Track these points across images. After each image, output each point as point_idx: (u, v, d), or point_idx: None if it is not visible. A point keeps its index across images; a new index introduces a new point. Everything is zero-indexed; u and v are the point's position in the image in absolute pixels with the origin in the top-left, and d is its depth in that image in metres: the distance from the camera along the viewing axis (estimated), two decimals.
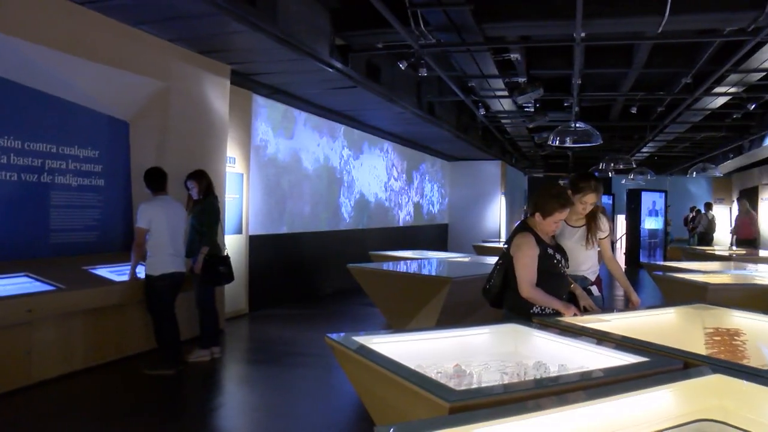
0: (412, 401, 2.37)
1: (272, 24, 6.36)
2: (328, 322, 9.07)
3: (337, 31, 7.65)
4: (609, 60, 9.81)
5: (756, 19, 6.65)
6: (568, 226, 4.51)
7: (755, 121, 14.19)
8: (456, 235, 18.89)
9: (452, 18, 7.10)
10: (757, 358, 3.30)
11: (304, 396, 5.64)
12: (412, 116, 11.15)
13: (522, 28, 7.90)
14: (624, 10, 7.01)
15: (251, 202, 9.22)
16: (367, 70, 8.76)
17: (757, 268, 8.37)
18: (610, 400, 2.15)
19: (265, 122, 9.62)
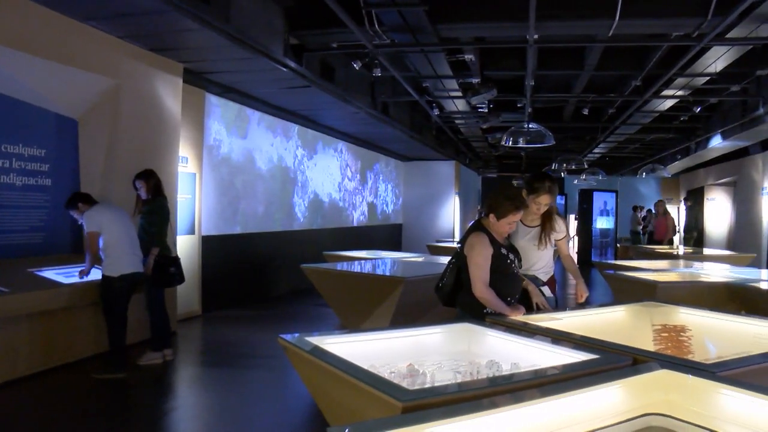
0: (366, 401, 2.37)
1: (225, 22, 6.28)
2: (281, 323, 9.01)
3: (292, 30, 7.61)
4: (561, 62, 9.96)
5: (700, 25, 6.86)
6: (523, 226, 4.54)
7: (701, 123, 14.58)
8: (410, 235, 18.95)
9: (407, 18, 7.12)
10: (702, 352, 3.39)
11: (257, 397, 5.58)
12: (366, 116, 11.15)
13: (476, 29, 7.98)
14: (576, 13, 7.13)
15: (204, 202, 9.10)
16: (321, 70, 8.72)
17: (704, 266, 8.59)
18: (561, 397, 2.18)
19: (218, 121, 9.51)
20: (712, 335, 3.80)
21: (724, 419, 2.21)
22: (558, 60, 9.92)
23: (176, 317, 7.94)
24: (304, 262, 7.85)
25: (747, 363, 2.73)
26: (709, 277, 7.06)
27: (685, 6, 6.82)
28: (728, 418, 2.21)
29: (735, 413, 2.22)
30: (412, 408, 2.10)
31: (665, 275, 7.17)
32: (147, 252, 6.34)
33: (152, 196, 6.53)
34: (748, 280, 6.61)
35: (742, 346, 3.19)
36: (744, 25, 6.87)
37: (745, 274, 7.52)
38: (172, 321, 7.35)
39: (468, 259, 3.97)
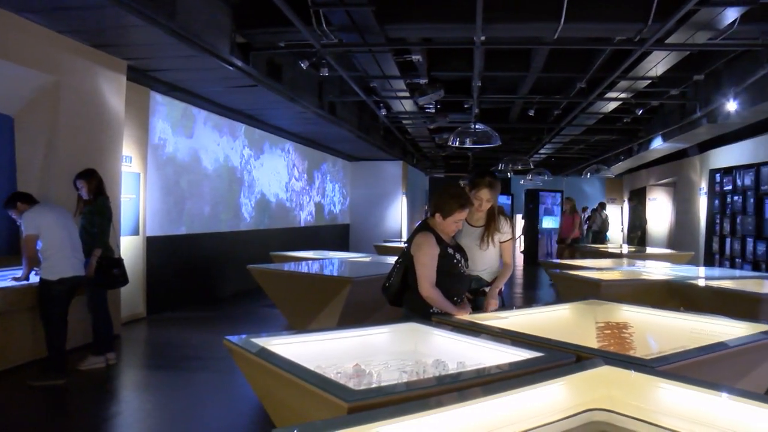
0: (312, 402, 2.36)
1: (170, 18, 6.16)
2: (228, 325, 8.91)
3: (238, 28, 7.52)
4: (508, 63, 10.09)
5: (641, 30, 7.05)
6: (468, 226, 4.52)
7: (643, 125, 14.96)
8: (357, 235, 18.95)
9: (354, 18, 7.12)
10: (644, 348, 3.47)
11: (203, 400, 5.52)
12: (313, 116, 11.11)
13: (423, 30, 8.02)
14: (522, 15, 7.23)
15: (149, 202, 8.94)
16: (268, 69, 8.65)
17: (646, 265, 8.80)
18: (507, 394, 2.21)
19: (163, 120, 9.36)
20: (653, 331, 3.90)
21: (664, 412, 2.28)
22: (504, 61, 10.05)
23: (120, 320, 7.78)
24: (251, 263, 7.78)
25: (684, 357, 2.81)
26: (650, 275, 7.24)
27: (627, 11, 6.99)
28: (667, 410, 2.28)
29: (673, 406, 2.29)
30: (357, 408, 2.10)
31: (609, 274, 7.33)
32: (89, 253, 6.18)
33: (94, 196, 6.37)
34: (686, 278, 6.81)
35: (680, 341, 3.29)
36: (682, 31, 7.08)
37: (684, 271, 7.75)
38: (115, 324, 7.19)
39: (414, 259, 3.98)
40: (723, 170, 15.71)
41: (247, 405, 5.30)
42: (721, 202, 15.86)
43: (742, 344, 3.14)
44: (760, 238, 13.84)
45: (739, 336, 3.32)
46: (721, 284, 6.41)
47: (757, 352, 3.27)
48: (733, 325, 3.65)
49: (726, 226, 15.52)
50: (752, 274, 8.48)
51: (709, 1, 6.25)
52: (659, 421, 2.19)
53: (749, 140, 13.62)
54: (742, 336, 3.32)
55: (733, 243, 15.12)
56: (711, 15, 6.62)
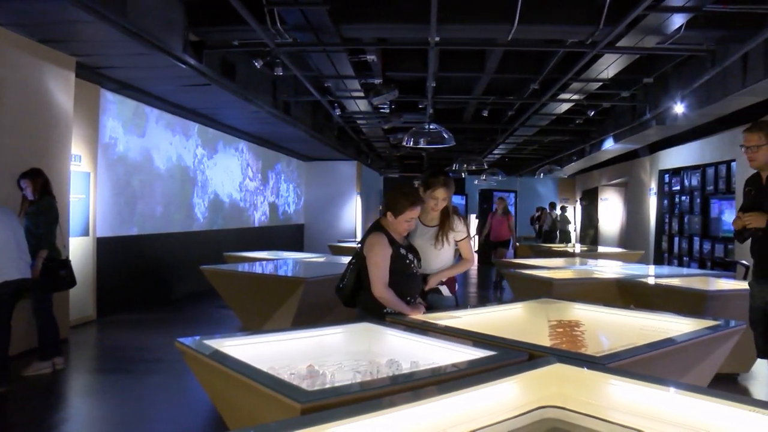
0: (265, 404, 2.34)
1: (121, 15, 6.03)
2: (181, 326, 8.80)
3: (192, 26, 7.43)
4: (462, 64, 10.17)
5: (593, 33, 7.18)
6: (422, 225, 4.51)
7: (595, 126, 15.22)
8: (312, 236, 18.89)
9: (309, 18, 7.10)
10: (595, 346, 3.52)
11: (155, 404, 5.43)
12: (267, 115, 11.03)
13: (378, 30, 8.04)
14: (477, 17, 7.31)
15: (99, 202, 8.76)
16: (222, 68, 8.56)
17: (597, 263, 8.95)
18: (460, 393, 2.21)
19: (114, 119, 9.19)
20: (604, 329, 3.97)
21: (614, 408, 2.31)
22: (459, 62, 10.12)
23: (68, 323, 7.60)
24: (205, 264, 7.68)
25: (634, 354, 2.86)
26: (601, 274, 7.36)
27: (579, 15, 7.12)
28: (617, 406, 2.32)
29: (623, 401, 2.32)
30: (311, 409, 2.09)
31: (561, 273, 7.42)
32: (34, 255, 6.01)
33: (39, 196, 6.17)
34: (636, 276, 6.94)
35: (630, 338, 3.34)
36: (632, 35, 7.25)
37: (634, 270, 7.90)
38: (63, 327, 7.02)
39: (367, 260, 3.97)
40: (671, 171, 16.10)
41: (200, 408, 5.24)
42: (669, 202, 16.25)
43: (688, 340, 3.22)
44: (706, 237, 14.21)
45: (685, 332, 3.40)
46: (670, 282, 6.55)
47: (702, 347, 3.36)
48: (680, 322, 3.74)
49: (674, 226, 15.89)
50: (699, 272, 8.68)
51: (657, 7, 6.40)
52: (609, 417, 2.23)
53: (696, 142, 13.98)
54: (689, 332, 3.40)
55: (681, 242, 15.49)
56: (659, 20, 6.80)
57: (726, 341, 3.53)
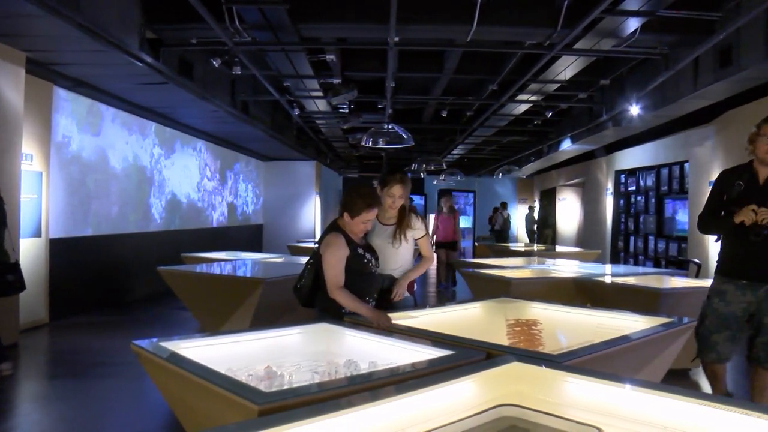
0: (222, 406, 2.32)
1: (74, 10, 5.87)
2: (137, 329, 8.65)
3: (148, 23, 7.31)
4: (421, 64, 10.21)
5: (550, 35, 7.27)
6: (380, 224, 4.50)
7: (553, 127, 15.41)
8: (271, 236, 18.77)
9: (268, 17, 7.05)
10: (552, 344, 3.57)
11: (110, 409, 5.31)
12: (225, 115, 10.92)
13: (337, 30, 8.02)
14: (436, 17, 7.34)
15: (52, 202, 8.57)
16: (179, 66, 8.44)
17: (555, 263, 9.06)
18: (418, 393, 2.22)
19: (68, 117, 9.00)
20: (561, 327, 4.02)
21: (570, 405, 2.34)
22: (418, 62, 10.16)
23: (18, 327, 7.41)
24: (162, 265, 7.57)
25: (590, 351, 2.91)
26: (559, 273, 7.45)
27: (537, 17, 7.20)
28: (574, 403, 2.35)
29: (580, 398, 2.36)
30: (268, 411, 2.07)
31: (519, 272, 7.49)
32: None
33: None
34: (593, 275, 7.05)
35: (587, 336, 3.39)
36: (588, 38, 7.36)
37: (591, 269, 8.02)
38: (12, 331, 6.85)
39: (323, 260, 3.95)
40: (627, 171, 16.38)
41: (156, 411, 5.15)
42: (625, 201, 16.54)
43: (643, 337, 3.28)
44: (660, 237, 14.49)
45: (640, 329, 3.46)
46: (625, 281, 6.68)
47: (656, 344, 3.42)
48: (635, 320, 3.81)
49: (630, 225, 16.18)
50: (653, 271, 8.85)
51: (613, 10, 6.50)
52: (566, 414, 2.26)
53: (651, 143, 14.25)
54: (643, 329, 3.46)
55: (637, 241, 15.77)
56: (615, 24, 6.92)
57: (679, 338, 3.61)
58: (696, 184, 12.21)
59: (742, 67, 7.40)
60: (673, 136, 13.07)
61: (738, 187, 4.16)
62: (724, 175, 4.37)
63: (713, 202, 4.35)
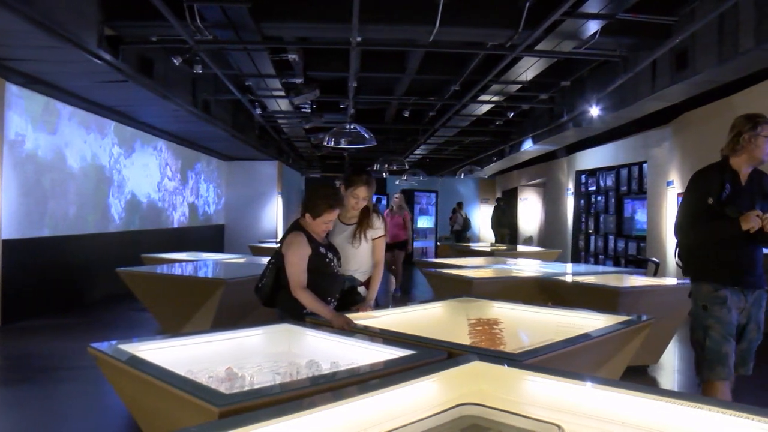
0: (182, 409, 2.30)
1: (26, 3, 5.63)
2: (96, 331, 8.50)
3: (107, 19, 7.16)
4: (384, 65, 10.20)
5: (512, 36, 7.33)
6: (341, 224, 4.48)
7: (514, 128, 15.53)
8: (232, 236, 18.62)
9: (229, 15, 6.98)
10: (513, 343, 3.60)
11: (66, 415, 5.20)
12: (186, 114, 10.79)
13: (300, 30, 7.99)
14: (398, 17, 7.33)
15: (5, 203, 8.37)
16: (139, 64, 8.29)
17: (516, 262, 9.14)
18: (380, 393, 2.23)
19: (21, 115, 8.79)
20: (522, 326, 4.05)
21: (531, 403, 2.36)
22: (380, 62, 10.15)
23: None
24: (121, 266, 7.45)
25: (550, 350, 2.94)
26: (520, 273, 7.53)
27: (499, 18, 7.24)
28: (534, 401, 2.37)
29: (540, 396, 2.38)
30: (228, 412, 2.06)
31: (481, 272, 7.55)
32: None
33: None
34: (554, 274, 7.13)
35: (547, 334, 3.43)
36: (549, 39, 7.43)
37: (552, 268, 8.12)
38: None
39: (285, 259, 3.93)
40: (587, 172, 16.61)
41: (115, 416, 5.07)
42: (585, 201, 16.76)
43: (602, 335, 3.33)
44: (620, 236, 14.71)
45: (600, 327, 3.50)
46: (585, 280, 6.78)
47: (615, 342, 3.47)
48: (595, 318, 3.86)
49: (590, 225, 16.40)
50: (613, 270, 8.99)
51: (574, 13, 6.58)
52: (527, 412, 2.27)
53: (610, 144, 14.46)
54: (603, 327, 3.51)
55: (597, 240, 15.99)
56: (575, 26, 7.00)
57: (637, 335, 3.67)
58: (654, 184, 12.43)
59: (697, 71, 7.55)
60: (632, 137, 13.29)
61: (727, 190, 3.82)
62: (705, 176, 3.97)
63: (697, 207, 3.90)
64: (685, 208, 4.00)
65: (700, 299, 3.94)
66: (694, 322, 3.97)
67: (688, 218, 3.96)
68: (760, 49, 6.45)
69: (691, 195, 3.99)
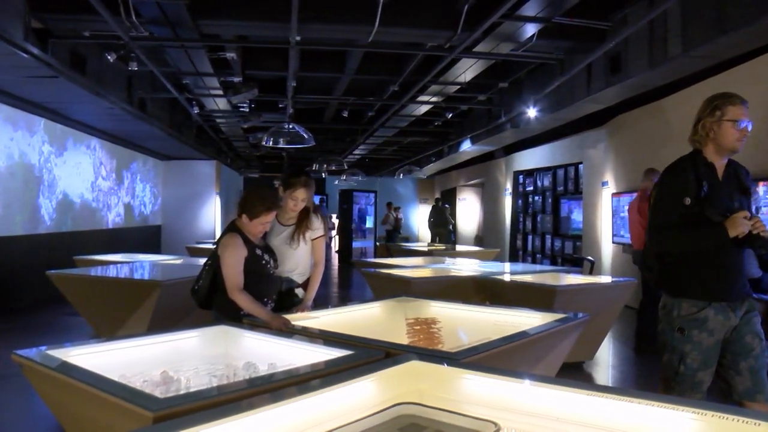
0: (115, 415, 2.24)
1: None
2: (24, 337, 8.21)
3: (34, 11, 6.90)
4: (323, 64, 10.17)
5: (451, 38, 7.40)
6: (279, 224, 4.42)
7: (453, 128, 15.67)
8: (170, 237, 18.30)
9: (166, 12, 6.83)
10: (451, 342, 3.62)
11: None
12: (121, 112, 10.53)
13: (238, 28, 7.89)
14: (338, 17, 7.32)
15: None
16: (71, 60, 8.03)
17: (455, 262, 9.22)
18: (318, 393, 2.22)
19: None
20: (461, 325, 4.08)
21: (469, 401, 2.38)
22: (320, 62, 10.12)
23: None
24: (52, 268, 7.21)
25: (487, 348, 2.97)
26: (458, 272, 7.59)
27: (438, 20, 7.30)
28: (472, 399, 2.38)
29: (478, 394, 2.40)
30: (163, 417, 2.02)
31: (419, 271, 7.58)
32: None
33: None
34: (491, 274, 7.21)
35: (485, 333, 3.46)
36: (488, 41, 7.53)
37: (490, 267, 8.20)
38: None
39: (221, 261, 3.88)
40: (525, 172, 16.88)
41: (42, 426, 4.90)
42: (523, 201, 17.04)
43: (538, 332, 3.38)
44: (557, 235, 15.00)
45: (537, 325, 3.55)
46: (523, 279, 6.88)
47: (551, 339, 3.53)
48: (532, 316, 3.92)
49: (528, 224, 16.68)
50: (550, 268, 9.15)
51: (512, 15, 6.67)
52: (464, 410, 2.28)
53: (547, 145, 14.73)
54: (540, 325, 3.56)
55: (534, 240, 16.27)
56: (513, 28, 7.11)
57: (573, 332, 3.74)
58: (590, 184, 12.71)
59: (629, 75, 7.76)
60: (569, 139, 13.56)
61: (704, 188, 3.26)
62: (678, 172, 3.37)
63: (675, 209, 3.30)
64: (658, 211, 3.39)
65: (676, 320, 3.32)
66: (666, 344, 3.37)
67: (662, 223, 3.34)
68: (687, 55, 6.68)
69: (664, 195, 3.39)
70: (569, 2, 6.44)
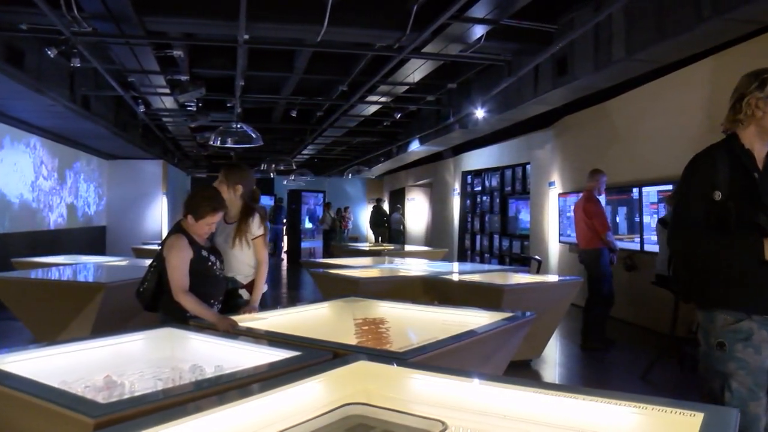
0: (53, 424, 2.17)
1: None
2: None
3: None
4: (272, 63, 10.09)
5: (400, 38, 7.42)
6: (224, 223, 4.36)
7: (402, 129, 15.72)
8: (115, 238, 17.94)
9: (110, 7, 6.67)
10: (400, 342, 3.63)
11: None
12: (64, 110, 10.25)
13: (186, 25, 7.76)
14: (287, 16, 7.27)
15: None
16: (7, 54, 7.76)
17: (404, 261, 9.25)
18: (265, 395, 2.20)
19: None
20: (409, 325, 4.09)
21: (417, 400, 2.38)
22: (268, 61, 10.03)
23: None
24: None
25: (435, 347, 2.98)
26: (407, 272, 7.61)
27: (387, 20, 7.30)
28: (420, 399, 2.39)
29: (426, 394, 2.40)
30: (105, 423, 1.97)
31: (367, 272, 7.58)
32: None
33: None
34: (440, 273, 7.25)
35: (433, 332, 3.47)
36: (437, 42, 7.56)
37: (439, 267, 8.25)
38: None
39: (166, 262, 3.82)
40: (473, 172, 17.04)
41: None
42: (471, 201, 17.20)
43: (486, 331, 3.41)
44: (504, 235, 15.18)
45: (484, 324, 3.58)
46: (471, 278, 6.94)
47: (499, 338, 3.56)
48: (479, 315, 3.95)
49: (476, 224, 16.84)
50: (498, 268, 9.25)
51: (460, 17, 6.72)
52: (412, 410, 2.29)
53: (495, 145, 14.90)
54: (487, 324, 3.59)
55: (483, 239, 16.44)
56: (462, 29, 7.16)
57: (520, 331, 3.78)
58: (537, 184, 12.90)
59: (575, 77, 7.89)
60: (516, 139, 13.73)
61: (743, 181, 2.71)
62: (710, 163, 2.77)
63: (703, 206, 2.75)
64: (684, 209, 2.81)
65: (713, 334, 2.74)
66: (707, 367, 2.79)
67: (692, 224, 2.75)
68: (630, 59, 6.83)
69: (688, 188, 2.83)
70: (517, 4, 6.51)
